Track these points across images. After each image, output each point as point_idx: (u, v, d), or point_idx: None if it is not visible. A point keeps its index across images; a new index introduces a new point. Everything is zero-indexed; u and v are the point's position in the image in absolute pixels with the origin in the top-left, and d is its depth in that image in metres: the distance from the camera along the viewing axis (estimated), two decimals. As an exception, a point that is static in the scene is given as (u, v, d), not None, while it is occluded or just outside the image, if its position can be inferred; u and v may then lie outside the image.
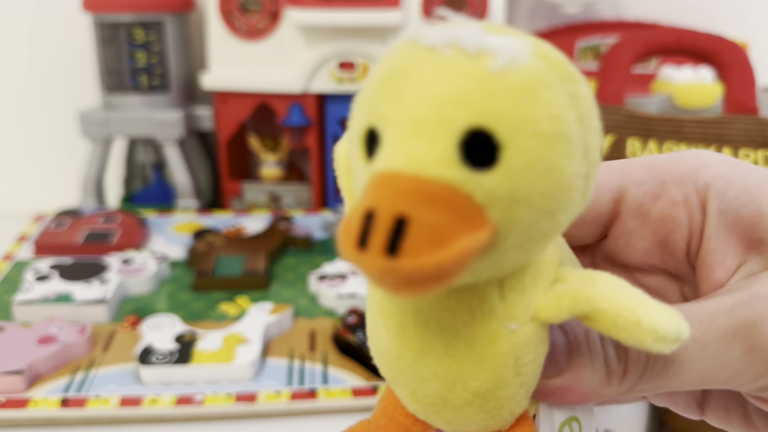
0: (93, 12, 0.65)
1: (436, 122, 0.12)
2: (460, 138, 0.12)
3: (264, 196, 0.70)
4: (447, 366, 0.15)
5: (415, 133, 0.12)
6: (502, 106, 0.12)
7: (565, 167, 0.13)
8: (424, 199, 0.12)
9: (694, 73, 0.61)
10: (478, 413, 0.15)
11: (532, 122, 0.12)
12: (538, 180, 0.12)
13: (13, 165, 0.79)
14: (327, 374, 0.42)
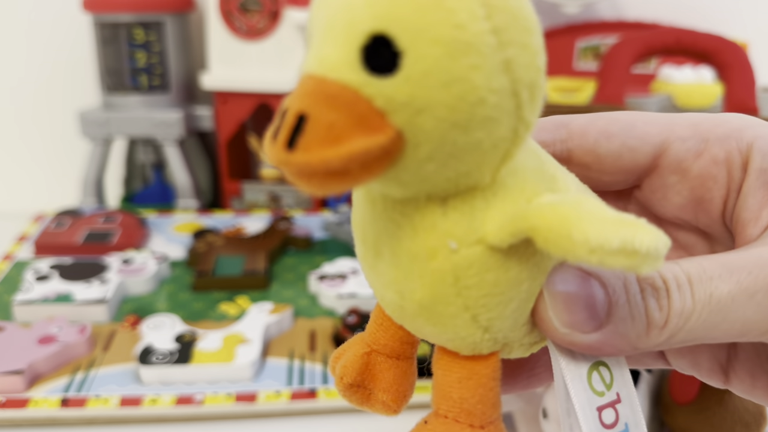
0: (93, 12, 0.65)
1: (343, 26, 0.12)
2: (362, 42, 0.12)
3: (264, 196, 0.70)
4: (395, 275, 0.15)
5: (327, 37, 0.13)
6: (404, 12, 0.12)
7: (472, 79, 0.12)
8: (324, 100, 0.12)
9: (694, 73, 0.61)
10: (426, 326, 0.16)
11: (432, 29, 0.12)
12: (439, 89, 0.12)
13: (13, 165, 0.79)
14: (327, 374, 0.42)
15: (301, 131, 0.12)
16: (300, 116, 0.12)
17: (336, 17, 0.13)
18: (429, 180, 0.14)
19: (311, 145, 0.12)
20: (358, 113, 0.12)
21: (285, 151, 0.12)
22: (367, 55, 0.12)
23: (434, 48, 0.12)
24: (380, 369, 0.18)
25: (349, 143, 0.12)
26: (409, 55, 0.12)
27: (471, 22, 0.12)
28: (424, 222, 0.14)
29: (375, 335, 0.18)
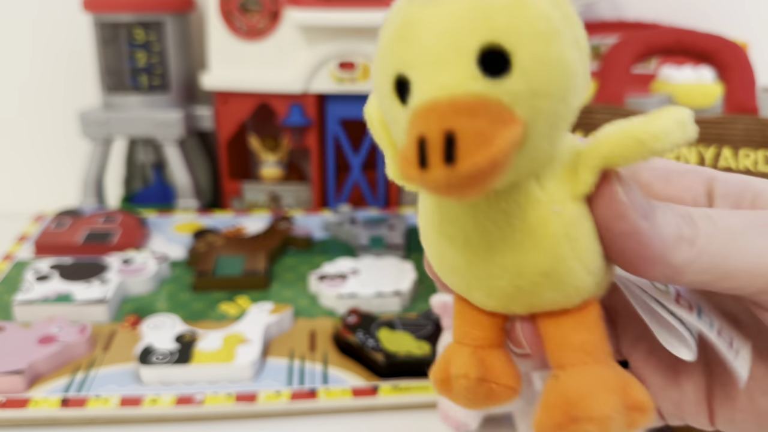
0: (93, 12, 0.65)
1: (452, 52, 0.14)
2: (476, 57, 0.14)
3: (264, 196, 0.70)
4: (512, 258, 0.17)
5: (439, 66, 0.15)
6: (501, 22, 0.14)
7: (565, 56, 0.15)
8: (463, 113, 0.14)
9: (694, 73, 0.61)
10: (547, 291, 0.18)
11: (529, 26, 0.14)
12: (548, 72, 0.15)
13: (13, 165, 0.79)
14: (327, 374, 0.42)
15: (455, 146, 0.14)
16: (447, 134, 0.14)
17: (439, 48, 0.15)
18: (536, 158, 0.16)
19: (471, 152, 0.14)
20: (494, 113, 0.14)
21: (445, 168, 0.14)
22: (483, 65, 0.14)
23: (535, 40, 0.14)
24: (491, 360, 0.20)
25: (498, 139, 0.14)
26: (517, 53, 0.14)
27: (550, 13, 0.15)
28: (529, 200, 0.17)
29: (471, 333, 0.20)
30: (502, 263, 0.17)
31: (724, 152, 0.47)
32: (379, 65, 0.16)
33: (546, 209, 0.17)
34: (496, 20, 0.14)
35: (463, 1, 0.14)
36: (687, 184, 0.21)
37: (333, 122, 0.68)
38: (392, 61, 0.16)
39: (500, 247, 0.17)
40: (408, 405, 0.40)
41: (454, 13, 0.14)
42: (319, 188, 0.70)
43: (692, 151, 0.47)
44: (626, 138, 0.16)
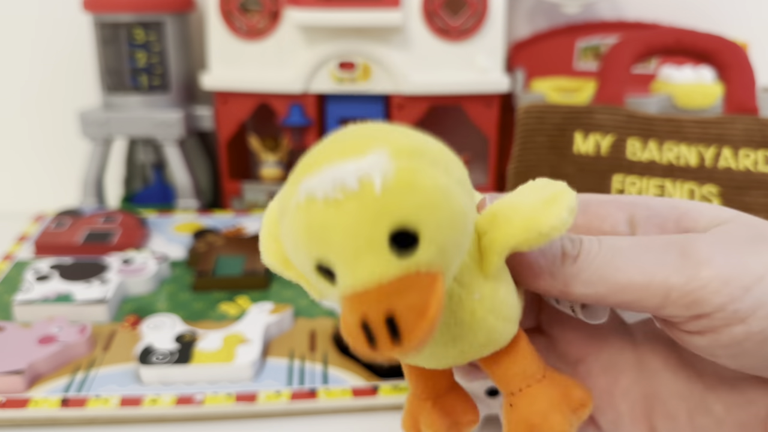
0: (93, 12, 0.65)
1: (366, 246, 0.16)
2: (387, 244, 0.16)
3: (264, 196, 0.70)
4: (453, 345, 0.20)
5: (358, 260, 0.16)
6: (402, 209, 0.16)
7: (461, 209, 0.17)
8: (393, 296, 0.16)
9: (694, 73, 0.61)
10: (486, 350, 0.21)
11: (426, 203, 0.16)
12: (450, 229, 0.17)
13: (13, 165, 0.79)
14: (327, 374, 0.42)
15: (397, 325, 0.16)
16: (386, 317, 0.16)
17: (353, 246, 0.16)
18: (452, 275, 0.18)
19: (412, 327, 0.16)
20: (420, 283, 0.16)
21: (394, 346, 0.16)
22: (396, 245, 0.16)
23: (433, 212, 0.16)
24: (450, 405, 0.23)
25: (431, 304, 0.16)
26: (422, 225, 0.16)
27: (441, 180, 0.17)
28: (454, 300, 0.20)
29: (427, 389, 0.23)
30: (445, 349, 0.20)
31: (724, 152, 0.47)
32: (296, 250, 0.18)
33: (469, 301, 0.20)
34: (397, 209, 0.16)
35: (361, 201, 0.16)
36: (605, 212, 0.23)
37: (333, 122, 0.68)
38: (309, 254, 0.17)
39: (442, 341, 0.20)
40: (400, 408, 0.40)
41: (357, 213, 0.16)
42: (319, 188, 0.70)
43: (692, 151, 0.47)
44: (530, 231, 0.19)
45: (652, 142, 0.48)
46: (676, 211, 0.22)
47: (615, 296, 0.21)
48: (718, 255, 0.20)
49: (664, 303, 0.20)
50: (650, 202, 0.23)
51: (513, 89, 0.66)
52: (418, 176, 0.16)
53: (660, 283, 0.20)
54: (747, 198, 0.45)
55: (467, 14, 0.63)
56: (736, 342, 0.20)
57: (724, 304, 0.19)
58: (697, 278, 0.20)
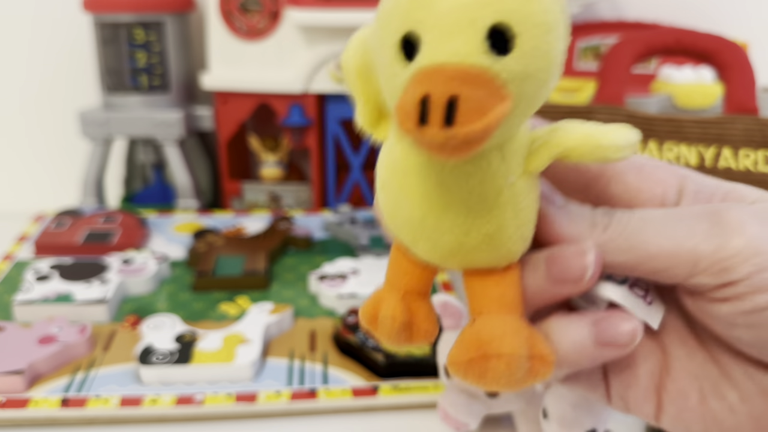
0: (93, 12, 0.65)
1: (466, 23, 0.16)
2: (485, 33, 0.16)
3: (264, 196, 0.70)
4: (464, 217, 0.19)
5: (452, 33, 0.16)
6: (512, 6, 0.16)
7: (557, 47, 0.17)
8: (468, 81, 0.15)
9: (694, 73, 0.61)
10: (485, 252, 0.20)
11: (534, 16, 0.16)
12: (541, 59, 0.16)
13: (13, 165, 0.79)
14: (327, 374, 0.42)
15: (456, 110, 0.15)
16: (450, 99, 0.15)
17: (454, 17, 0.16)
18: (509, 132, 0.18)
19: (469, 119, 0.15)
20: (494, 88, 0.16)
21: (444, 129, 0.15)
22: (491, 41, 0.16)
23: (537, 29, 0.16)
24: (416, 307, 0.22)
25: (493, 111, 0.15)
26: (521, 37, 0.16)
27: (552, 6, 0.16)
28: (490, 168, 0.18)
29: (402, 281, 0.22)
30: (453, 220, 0.19)
31: (724, 152, 0.47)
32: (387, 20, 0.17)
33: (502, 179, 0.19)
34: (508, 4, 0.16)
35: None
36: (659, 176, 0.23)
37: (333, 122, 0.68)
38: (405, 18, 0.17)
39: (455, 206, 0.19)
40: (408, 405, 0.40)
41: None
42: (319, 188, 0.70)
43: (692, 151, 0.47)
44: (588, 138, 0.18)
45: (652, 142, 0.48)
46: (722, 190, 0.23)
47: (645, 265, 0.20)
48: (751, 225, 0.20)
49: (693, 271, 0.20)
50: (700, 178, 0.23)
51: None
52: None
53: (689, 250, 0.20)
54: (747, 198, 0.45)
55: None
56: (758, 310, 0.20)
57: (752, 273, 0.19)
58: (727, 246, 0.20)
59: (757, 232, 0.20)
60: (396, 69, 0.17)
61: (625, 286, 0.22)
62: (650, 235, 0.20)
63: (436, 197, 0.19)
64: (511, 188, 0.19)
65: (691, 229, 0.20)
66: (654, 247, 0.20)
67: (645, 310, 0.22)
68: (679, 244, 0.20)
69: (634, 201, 0.23)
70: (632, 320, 0.21)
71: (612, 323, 0.21)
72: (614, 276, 0.22)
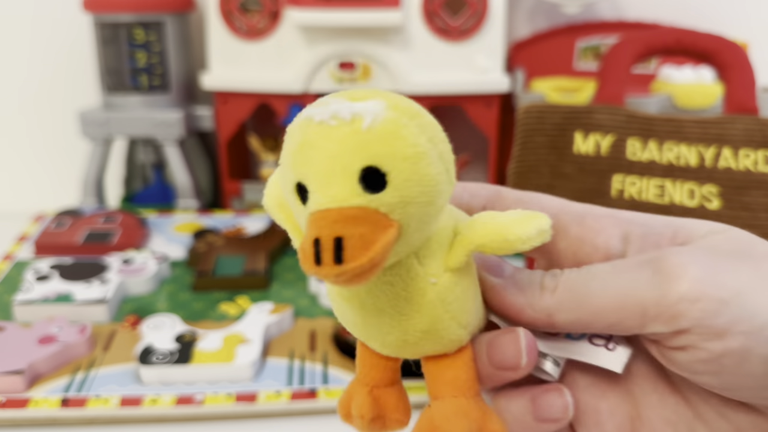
0: (93, 12, 0.65)
1: (340, 172, 0.18)
2: (358, 177, 0.18)
3: (264, 196, 0.70)
4: (398, 321, 0.21)
5: (329, 182, 0.18)
6: (379, 149, 0.18)
7: (430, 172, 0.18)
8: (349, 222, 0.17)
9: (694, 73, 0.61)
10: (428, 344, 0.22)
11: (401, 152, 0.18)
12: (415, 186, 0.18)
13: (13, 165, 0.79)
14: (327, 374, 0.42)
15: (343, 249, 0.17)
16: (336, 240, 0.17)
17: (329, 168, 0.18)
18: (411, 245, 0.20)
19: (355, 255, 0.17)
20: (374, 222, 0.18)
21: (335, 267, 0.17)
22: (365, 183, 0.18)
23: (405, 163, 0.18)
24: (385, 398, 0.24)
25: (378, 242, 0.17)
26: (392, 173, 0.18)
27: (418, 140, 0.18)
28: (410, 274, 0.20)
29: (369, 375, 0.24)
30: (390, 323, 0.21)
31: (724, 152, 0.47)
32: (284, 170, 0.19)
33: (424, 281, 0.20)
34: (375, 148, 0.18)
35: (348, 131, 0.18)
36: (599, 226, 0.23)
37: (333, 122, 0.68)
38: (294, 170, 0.19)
39: (388, 311, 0.21)
40: (408, 405, 0.40)
41: (341, 140, 0.18)
42: (319, 188, 0.70)
43: (692, 151, 0.47)
44: (497, 234, 0.20)
45: (652, 142, 0.48)
46: (672, 228, 0.23)
47: (596, 321, 0.21)
48: (693, 268, 0.20)
49: (644, 321, 0.20)
50: (647, 220, 0.23)
51: (513, 89, 0.66)
52: (403, 130, 0.18)
53: (635, 302, 0.20)
54: (747, 198, 0.45)
55: (467, 14, 0.63)
56: (714, 358, 0.19)
57: (700, 318, 0.19)
58: (670, 293, 0.20)
59: (698, 275, 0.20)
60: (298, 209, 0.19)
61: (584, 339, 0.23)
62: (596, 291, 0.21)
63: (370, 304, 0.21)
64: (436, 287, 0.20)
65: (634, 280, 0.20)
66: (601, 304, 0.21)
67: (606, 358, 0.23)
68: (624, 296, 0.20)
69: (579, 253, 0.23)
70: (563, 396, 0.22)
71: (546, 400, 0.22)
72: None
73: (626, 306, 0.20)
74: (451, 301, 0.21)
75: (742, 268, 0.20)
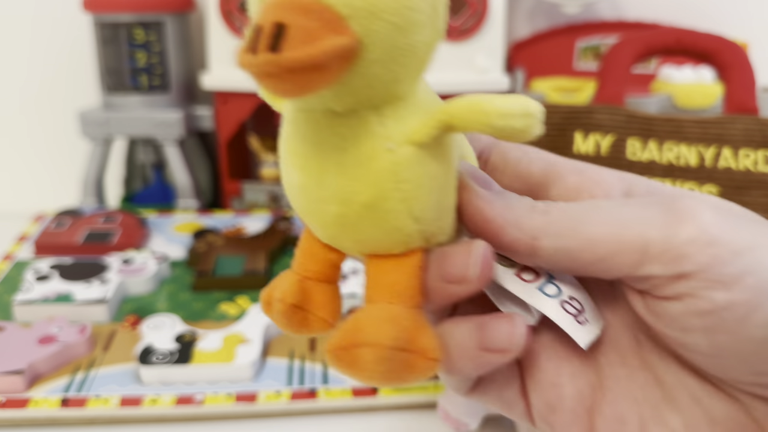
0: (93, 12, 0.65)
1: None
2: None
3: (264, 196, 0.70)
4: (341, 183, 0.18)
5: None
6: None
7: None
8: (297, 11, 0.15)
9: (694, 73, 0.61)
10: (369, 226, 0.18)
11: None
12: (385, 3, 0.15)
13: (13, 165, 0.79)
14: (327, 374, 0.42)
15: (283, 37, 0.15)
16: (278, 26, 0.15)
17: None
18: (373, 85, 0.17)
19: (295, 45, 0.14)
20: (327, 18, 0.15)
21: (269, 54, 0.15)
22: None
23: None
24: (314, 292, 0.21)
25: (324, 41, 0.15)
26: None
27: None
28: (365, 130, 0.17)
29: (304, 264, 0.21)
30: (331, 187, 0.18)
31: (724, 152, 0.47)
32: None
33: (380, 144, 0.17)
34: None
35: None
36: (602, 177, 0.21)
37: (333, 122, 0.68)
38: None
39: (331, 170, 0.18)
40: (408, 405, 0.40)
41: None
42: (319, 188, 0.70)
43: (692, 151, 0.47)
44: (474, 105, 0.17)
45: (652, 142, 0.48)
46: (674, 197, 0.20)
47: (587, 251, 0.18)
48: (708, 213, 0.18)
49: (642, 259, 0.18)
50: (650, 185, 0.21)
51: (513, 89, 0.66)
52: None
53: (636, 234, 0.18)
54: (747, 198, 0.45)
55: (467, 14, 0.63)
56: (715, 310, 0.17)
57: (708, 264, 0.17)
58: (680, 232, 0.18)
59: (712, 220, 0.18)
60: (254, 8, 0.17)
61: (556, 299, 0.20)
62: (594, 219, 0.19)
63: (314, 162, 0.18)
64: (391, 155, 0.17)
65: (639, 214, 0.19)
66: (597, 232, 0.18)
67: (573, 328, 0.20)
68: (625, 227, 0.18)
69: None
70: (516, 325, 0.19)
71: (494, 326, 0.19)
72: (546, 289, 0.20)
73: (625, 238, 0.18)
74: (407, 179, 0.18)
75: (756, 227, 0.18)
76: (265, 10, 0.15)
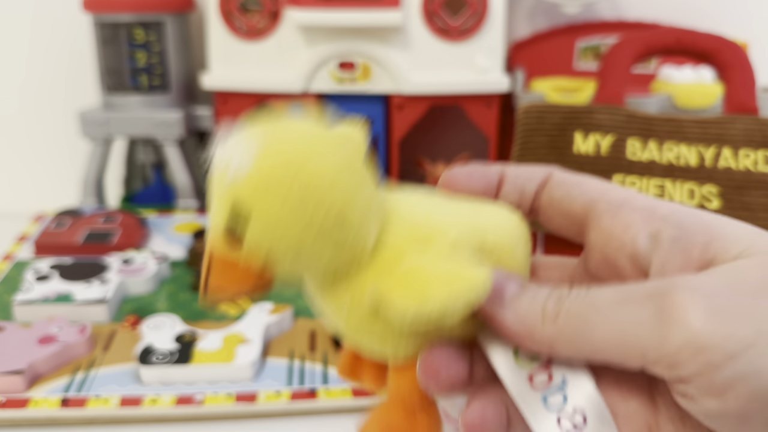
0: (93, 12, 0.65)
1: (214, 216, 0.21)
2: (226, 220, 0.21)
3: (264, 196, 0.70)
4: (333, 311, 0.25)
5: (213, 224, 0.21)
6: (243, 195, 0.20)
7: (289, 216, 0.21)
8: (216, 268, 0.22)
9: (694, 73, 0.61)
10: (364, 341, 0.24)
11: (266, 199, 0.20)
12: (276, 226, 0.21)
13: (13, 165, 0.79)
14: (327, 374, 0.42)
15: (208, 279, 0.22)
16: (206, 274, 0.22)
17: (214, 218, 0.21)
18: (314, 267, 0.23)
19: (209, 287, 0.22)
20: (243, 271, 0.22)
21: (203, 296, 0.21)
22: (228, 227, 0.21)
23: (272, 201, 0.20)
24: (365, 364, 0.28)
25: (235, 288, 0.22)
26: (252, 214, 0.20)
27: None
28: (334, 290, 0.24)
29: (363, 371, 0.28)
30: (330, 312, 0.25)
31: (724, 152, 0.47)
32: None
33: (344, 290, 0.23)
34: (240, 194, 0.20)
35: (221, 179, 0.21)
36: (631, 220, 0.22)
37: (333, 122, 0.68)
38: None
39: (336, 294, 0.24)
40: (408, 405, 0.40)
41: (218, 187, 0.21)
42: (319, 188, 0.70)
43: (692, 151, 0.47)
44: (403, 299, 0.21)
45: (652, 142, 0.48)
46: (708, 234, 0.20)
47: (597, 356, 0.20)
48: (699, 312, 0.18)
49: (644, 362, 0.19)
50: (684, 220, 0.21)
51: (513, 89, 0.66)
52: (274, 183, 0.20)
53: (635, 343, 0.19)
54: (747, 198, 0.45)
55: (467, 14, 0.63)
56: (711, 416, 0.18)
57: (700, 372, 0.17)
58: (671, 340, 0.18)
59: (700, 324, 0.17)
60: None
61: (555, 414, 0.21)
62: (596, 324, 0.19)
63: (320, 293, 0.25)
64: (354, 311, 0.23)
65: (635, 317, 0.19)
66: (601, 339, 0.19)
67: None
68: (624, 334, 0.19)
69: (607, 248, 0.22)
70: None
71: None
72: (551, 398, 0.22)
73: (626, 346, 0.19)
74: (359, 330, 0.23)
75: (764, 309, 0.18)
76: (205, 259, 0.21)
